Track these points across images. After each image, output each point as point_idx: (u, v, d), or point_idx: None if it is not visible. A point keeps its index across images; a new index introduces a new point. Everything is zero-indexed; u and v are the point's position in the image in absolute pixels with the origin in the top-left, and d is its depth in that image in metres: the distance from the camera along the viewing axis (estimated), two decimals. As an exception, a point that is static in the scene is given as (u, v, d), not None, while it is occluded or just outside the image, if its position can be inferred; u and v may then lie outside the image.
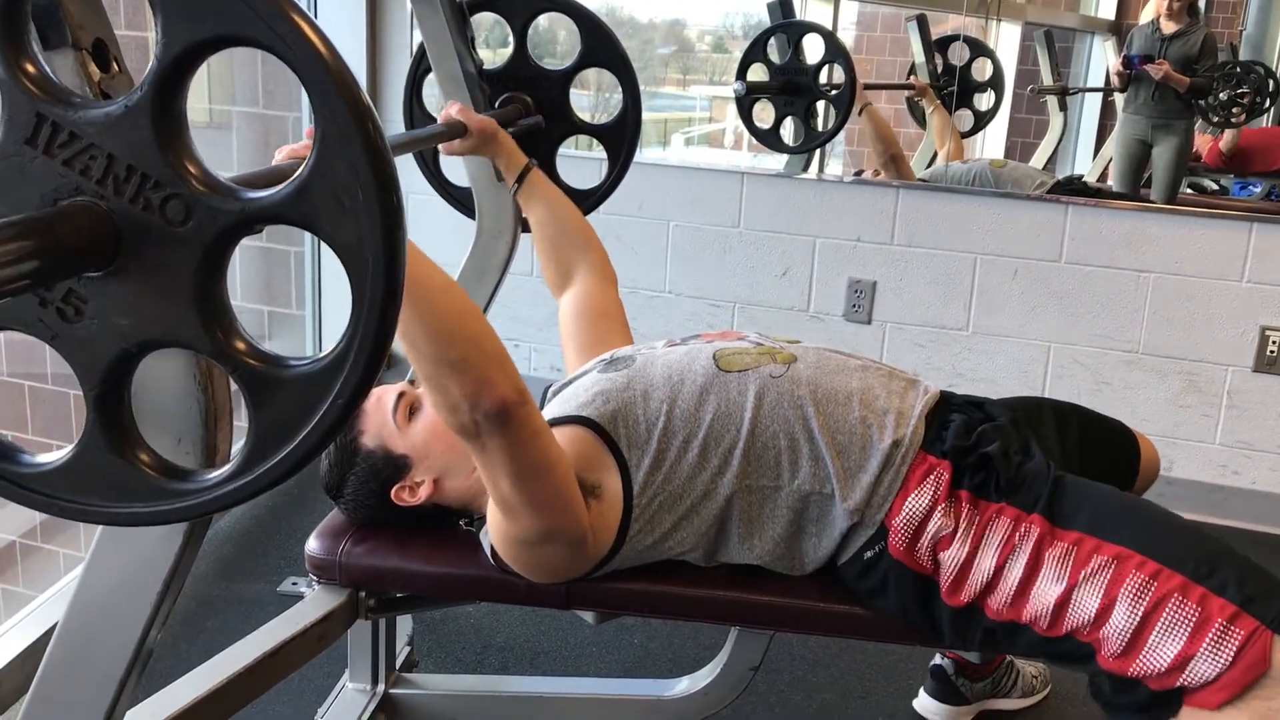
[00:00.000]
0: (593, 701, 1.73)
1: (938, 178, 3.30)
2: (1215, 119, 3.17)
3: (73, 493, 0.78)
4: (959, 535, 1.36)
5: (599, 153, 2.08)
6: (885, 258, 3.09)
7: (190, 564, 1.07)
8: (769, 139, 3.30)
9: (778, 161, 3.46)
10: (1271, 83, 3.12)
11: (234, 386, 1.15)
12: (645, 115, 2.07)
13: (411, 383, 1.62)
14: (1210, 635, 1.22)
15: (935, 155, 3.41)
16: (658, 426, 1.41)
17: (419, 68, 2.04)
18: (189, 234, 0.68)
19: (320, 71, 0.63)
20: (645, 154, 3.76)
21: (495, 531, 1.42)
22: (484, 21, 3.72)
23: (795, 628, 1.56)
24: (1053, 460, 1.45)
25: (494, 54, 3.72)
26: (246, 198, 0.68)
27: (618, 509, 1.40)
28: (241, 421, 0.96)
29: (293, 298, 3.51)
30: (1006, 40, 3.43)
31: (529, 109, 1.97)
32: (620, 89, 2.00)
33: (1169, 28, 3.12)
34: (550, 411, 1.48)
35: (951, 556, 1.36)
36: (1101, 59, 3.42)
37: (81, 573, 1.08)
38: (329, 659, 1.66)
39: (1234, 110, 3.15)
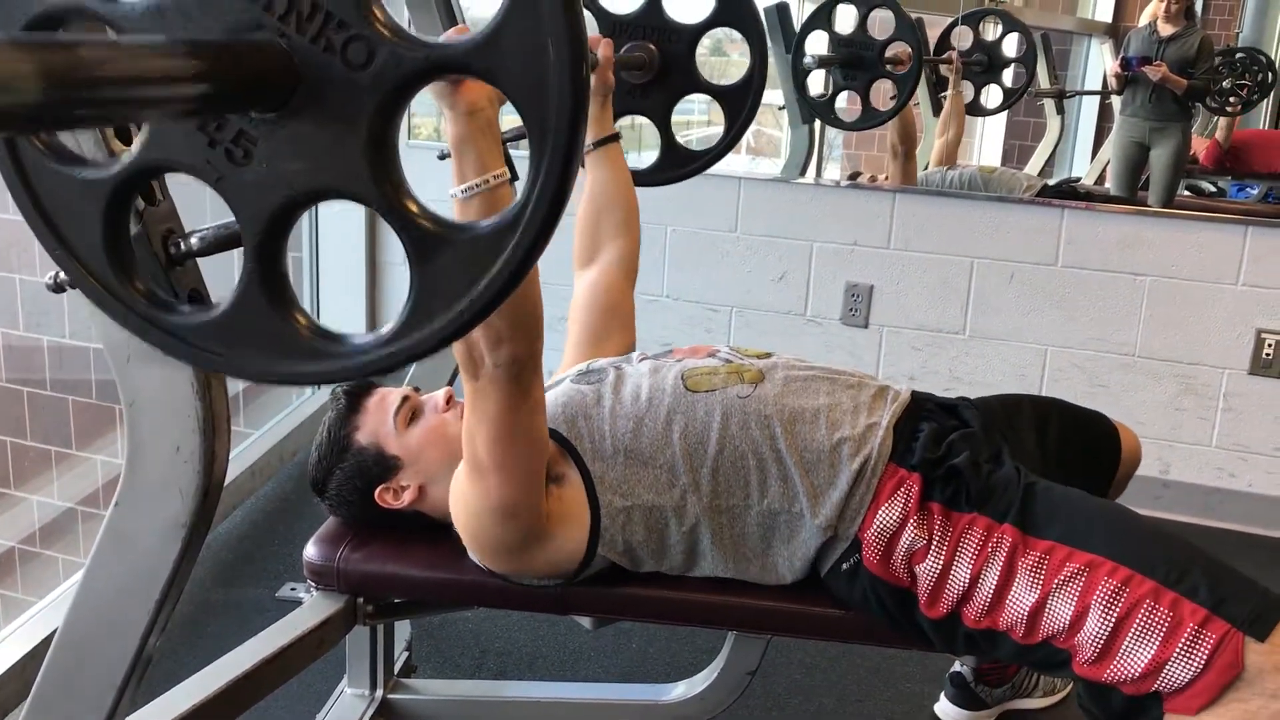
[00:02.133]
0: (589, 706, 1.73)
1: (931, 183, 3.31)
2: (1212, 105, 3.16)
3: (229, 346, 0.76)
4: (933, 547, 1.37)
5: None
6: (882, 262, 3.10)
7: (189, 570, 1.08)
8: (824, 112, 3.26)
9: (775, 166, 3.47)
10: (1271, 74, 3.12)
11: (232, 392, 1.16)
12: (646, 120, 2.05)
13: (416, 390, 1.62)
14: (1183, 640, 1.22)
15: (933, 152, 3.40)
16: (622, 445, 1.43)
17: None
18: (369, 79, 0.66)
19: None
20: (643, 157, 3.77)
21: (455, 497, 1.41)
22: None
23: (792, 632, 1.57)
24: (1028, 462, 1.46)
25: None
26: (432, 44, 0.66)
27: (583, 517, 1.42)
28: (239, 426, 0.96)
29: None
30: (1004, 44, 3.43)
31: (652, 60, 1.92)
32: (748, 51, 1.94)
33: (1166, 30, 3.12)
34: None
35: (927, 569, 1.37)
36: (1099, 62, 3.42)
37: (81, 579, 1.09)
38: (327, 664, 1.66)
39: (1231, 100, 3.15)
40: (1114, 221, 2.96)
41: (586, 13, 1.91)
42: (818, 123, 3.49)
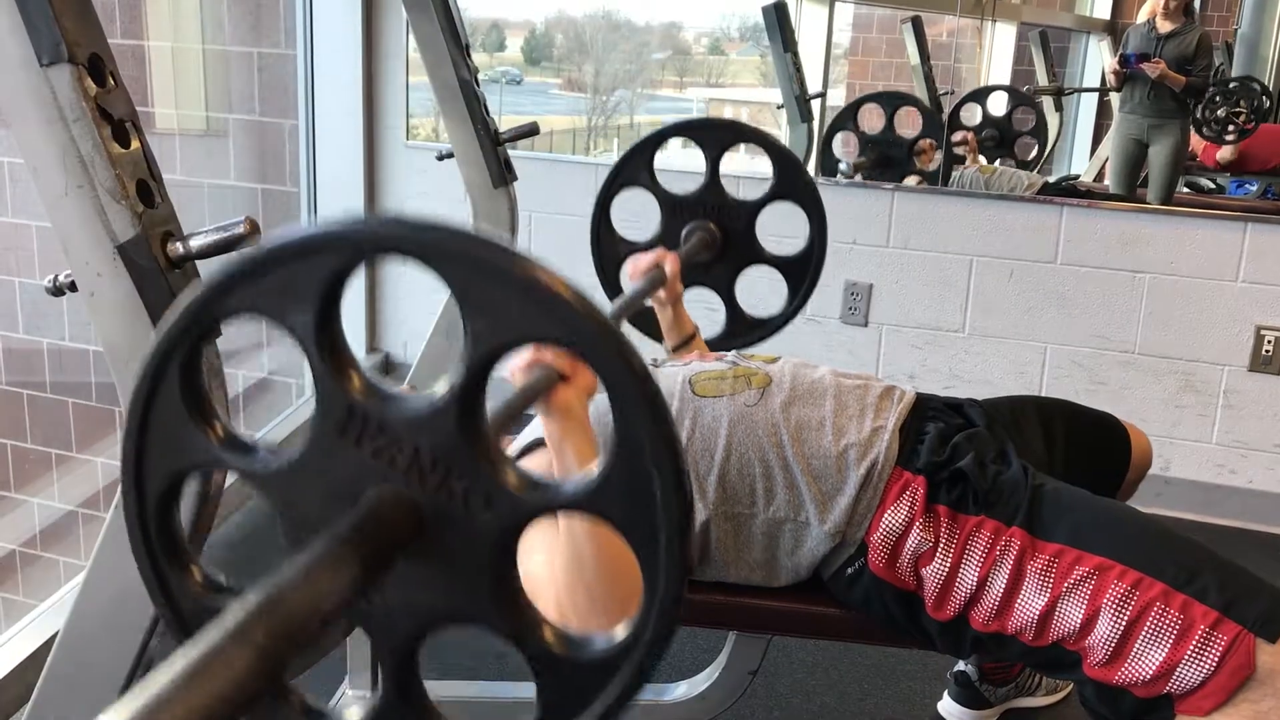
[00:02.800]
0: (592, 706, 1.73)
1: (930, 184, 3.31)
2: (1208, 133, 3.18)
3: None
4: (940, 550, 1.37)
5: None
6: (882, 260, 3.10)
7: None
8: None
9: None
10: (1267, 100, 3.13)
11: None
12: (642, 118, 2.06)
13: (413, 388, 1.62)
14: (1194, 642, 1.22)
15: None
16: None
17: (609, 192, 2.01)
18: (490, 521, 0.69)
19: (627, 380, 0.65)
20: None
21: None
22: (480, 27, 3.73)
23: (793, 632, 1.57)
24: (1034, 464, 1.46)
25: (490, 58, 3.74)
26: (547, 487, 0.70)
27: None
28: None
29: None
30: (1001, 40, 3.44)
31: (714, 239, 1.96)
32: (807, 223, 1.97)
33: (1165, 27, 3.12)
34: (531, 431, 1.47)
35: (934, 572, 1.37)
36: (1097, 59, 3.41)
37: (82, 582, 1.09)
38: (328, 667, 1.66)
39: (1229, 128, 3.15)
40: (1113, 219, 2.96)
41: (647, 193, 1.96)
42: (816, 122, 3.50)
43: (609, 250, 2.03)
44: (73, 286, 1.03)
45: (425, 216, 0.65)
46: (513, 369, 1.09)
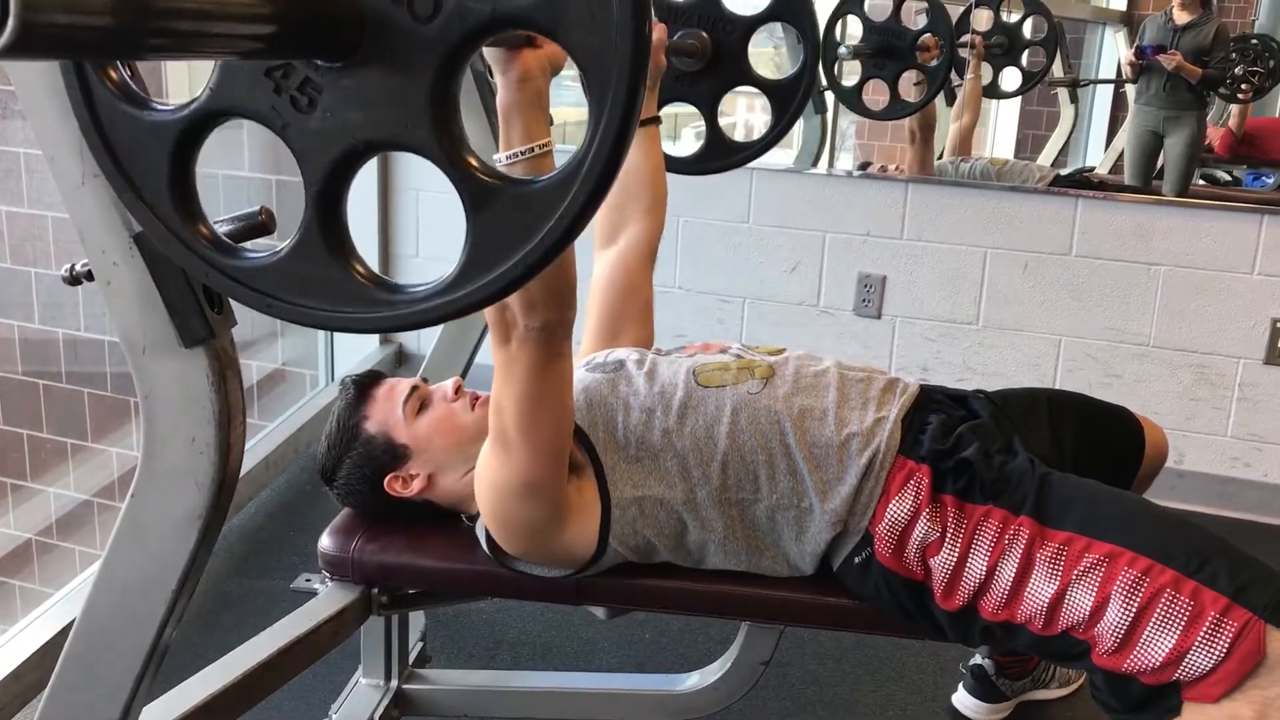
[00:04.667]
0: (603, 696, 1.74)
1: (942, 174, 3.29)
2: (1224, 92, 3.14)
3: (288, 291, 0.78)
4: (947, 539, 1.37)
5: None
6: (895, 252, 3.09)
7: (205, 561, 1.09)
8: (850, 99, 3.22)
9: (787, 156, 3.46)
10: None
11: (246, 385, 1.16)
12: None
13: (425, 380, 1.63)
14: (1204, 628, 1.22)
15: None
16: (634, 437, 1.43)
17: None
18: (435, 31, 0.67)
19: None
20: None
21: (480, 473, 1.40)
22: None
23: (805, 622, 1.57)
24: (1043, 456, 1.45)
25: None
26: None
27: (595, 507, 1.42)
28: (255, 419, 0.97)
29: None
30: (1025, 26, 3.40)
31: (704, 48, 1.90)
32: (801, 48, 1.92)
33: (1182, 18, 3.10)
34: None
35: (942, 562, 1.37)
36: (1113, 50, 3.39)
37: (98, 570, 1.10)
38: (342, 655, 1.67)
39: (1243, 87, 3.12)
40: (1128, 211, 2.94)
41: None
42: (830, 113, 3.49)
43: None
44: (89, 276, 1.04)
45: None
46: None
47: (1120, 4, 3.39)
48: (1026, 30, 3.32)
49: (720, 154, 1.99)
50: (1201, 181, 3.24)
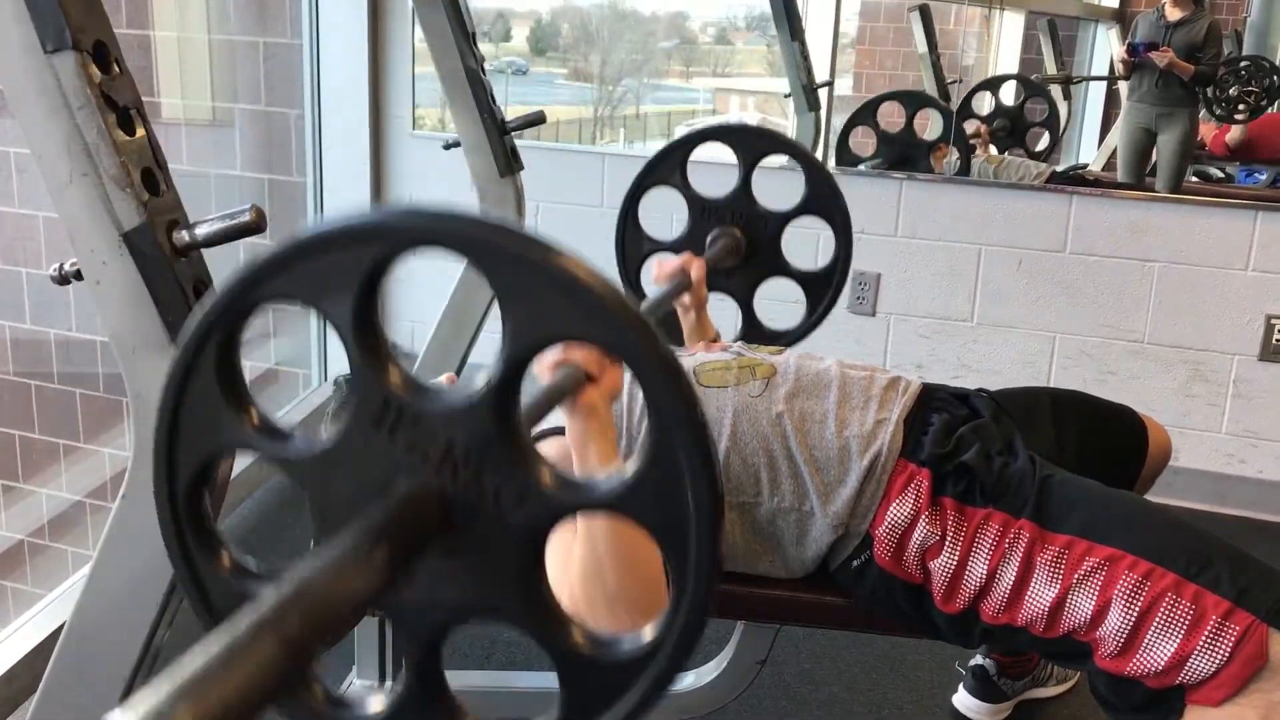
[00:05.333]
0: (599, 696, 1.73)
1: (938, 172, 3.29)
2: (1219, 112, 3.16)
3: None
4: (947, 543, 1.36)
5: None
6: (889, 249, 3.09)
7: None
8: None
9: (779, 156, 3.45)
10: (1278, 78, 3.11)
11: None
12: (649, 108, 2.05)
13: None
14: (1206, 632, 1.22)
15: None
16: (636, 438, 1.42)
17: (639, 190, 1.99)
18: (521, 518, 0.69)
19: (662, 378, 0.65)
20: (648, 146, 3.76)
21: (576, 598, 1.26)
22: (485, 16, 3.71)
23: (801, 621, 1.57)
24: (1045, 456, 1.45)
25: (495, 48, 3.72)
26: (581, 487, 0.70)
27: None
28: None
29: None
30: (1010, 29, 3.42)
31: (739, 245, 1.96)
32: (834, 240, 1.99)
33: (1174, 14, 3.10)
34: (545, 421, 1.46)
35: (941, 565, 1.36)
36: (1105, 47, 3.39)
37: (89, 572, 1.09)
38: (337, 655, 1.66)
39: (1240, 107, 3.14)
40: (1122, 207, 2.94)
41: (676, 192, 1.96)
42: (824, 109, 3.48)
43: (633, 248, 2.02)
44: (78, 275, 1.03)
45: (467, 209, 0.65)
46: (541, 366, 1.08)
47: (1112, 1, 3.39)
48: (1029, 113, 3.36)
49: (756, 340, 2.01)
50: (1194, 179, 3.24)
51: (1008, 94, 3.36)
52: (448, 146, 2.16)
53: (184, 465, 0.76)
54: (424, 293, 3.45)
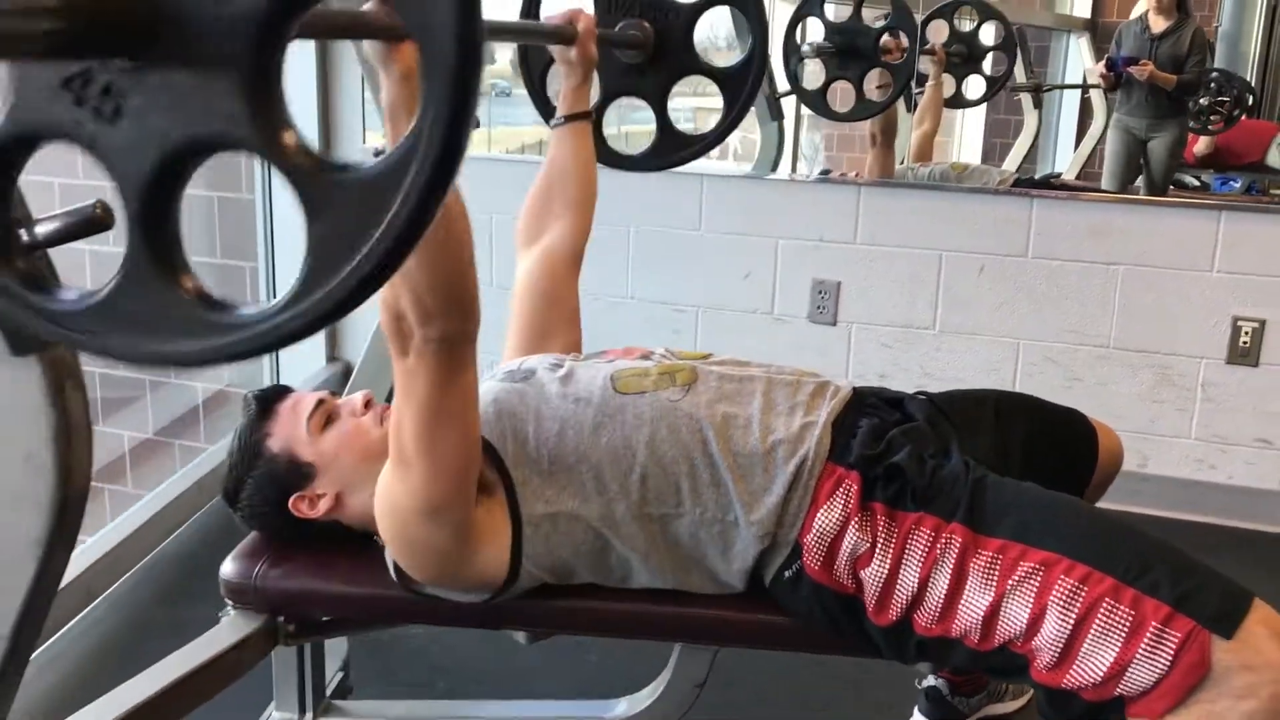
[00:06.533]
0: (531, 726, 1.65)
1: (901, 180, 3.25)
2: (1193, 125, 3.14)
3: (113, 329, 0.69)
4: (878, 551, 1.29)
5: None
6: (849, 257, 3.02)
7: (52, 592, 0.99)
8: (816, 103, 3.18)
9: (745, 169, 3.41)
10: (1250, 95, 3.11)
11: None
12: (630, 128, 1.98)
13: (333, 394, 1.55)
14: (1145, 640, 1.15)
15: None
16: (547, 449, 1.35)
17: None
18: (242, 8, 0.59)
19: None
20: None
21: (381, 495, 1.32)
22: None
23: (739, 642, 1.50)
24: (985, 460, 1.38)
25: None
26: None
27: (505, 527, 1.34)
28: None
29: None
30: (981, 33, 3.37)
31: (647, 37, 1.83)
32: (749, 30, 1.85)
33: (1159, 25, 3.07)
34: None
35: (873, 574, 1.29)
36: (1078, 58, 3.38)
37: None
38: (256, 687, 1.58)
39: (1212, 118, 3.12)
40: (1084, 210, 2.89)
41: None
42: (788, 120, 3.43)
43: (535, 53, 1.89)
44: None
45: None
46: None
47: (1084, 11, 3.37)
48: (984, 37, 3.30)
49: (672, 148, 1.93)
50: (1171, 186, 3.22)
51: (964, 24, 3.31)
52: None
53: None
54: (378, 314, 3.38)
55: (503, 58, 3.79)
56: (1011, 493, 1.30)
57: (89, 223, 0.93)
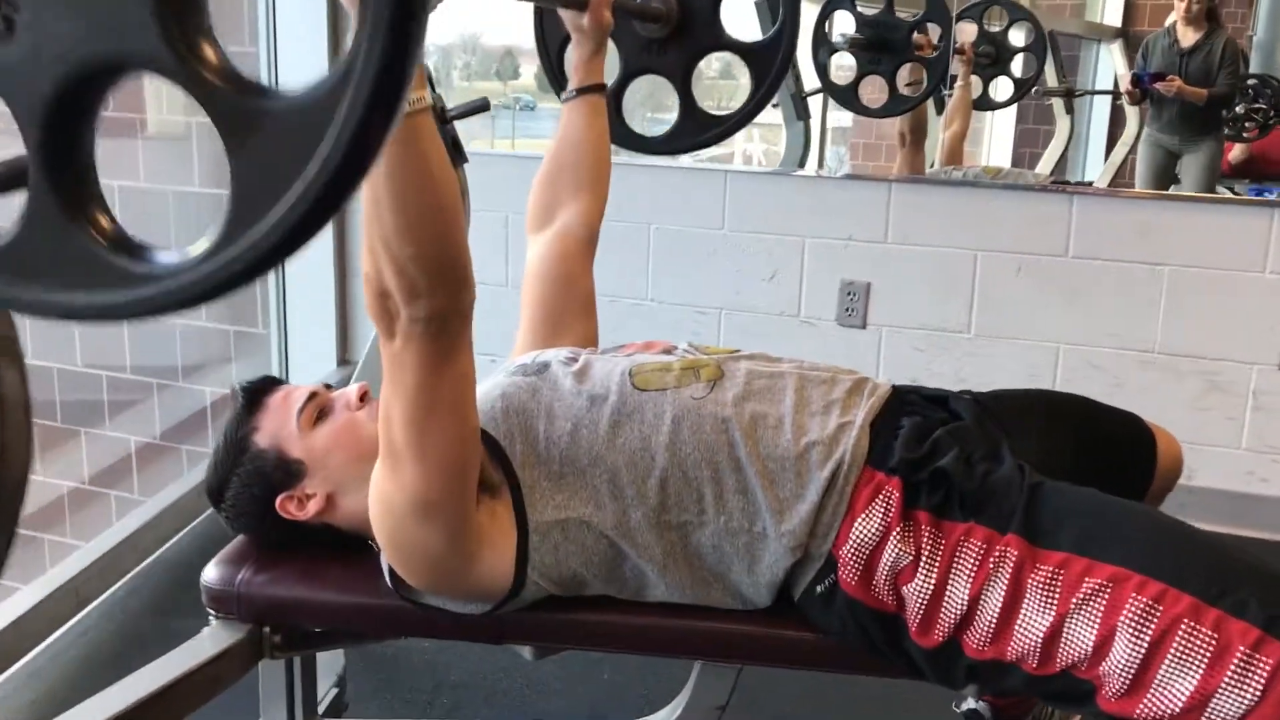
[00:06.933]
0: (539, 747, 1.53)
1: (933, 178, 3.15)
2: (1228, 131, 3.05)
3: (16, 280, 0.59)
4: (922, 564, 1.16)
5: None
6: (879, 257, 2.90)
7: (8, 536, 0.88)
8: (847, 98, 3.12)
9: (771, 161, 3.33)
10: None
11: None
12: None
13: (328, 386, 1.43)
14: (1232, 666, 1.02)
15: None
16: (558, 450, 1.23)
17: None
18: None
19: None
20: (624, 154, 3.60)
21: (374, 494, 1.21)
22: (493, 54, 3.58)
23: (765, 660, 1.37)
24: (1035, 466, 1.25)
25: (504, 85, 3.61)
26: None
27: (510, 533, 1.22)
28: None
29: (259, 317, 3.38)
30: (1011, 34, 3.31)
31: (671, 11, 1.73)
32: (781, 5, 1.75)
33: (1188, 37, 2.96)
34: None
35: (916, 590, 1.16)
36: (1109, 66, 3.32)
37: None
38: (243, 701, 1.46)
39: (1247, 125, 3.01)
40: (1128, 208, 2.77)
41: None
42: (814, 119, 3.34)
43: (552, 29, 1.78)
44: None
45: None
46: None
47: (1115, 20, 3.30)
48: (1014, 38, 3.23)
49: (696, 129, 1.82)
50: (1206, 195, 3.14)
51: (993, 25, 3.25)
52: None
53: None
54: None
55: (526, 72, 3.74)
56: (1072, 499, 1.17)
57: (13, 175, 0.82)
